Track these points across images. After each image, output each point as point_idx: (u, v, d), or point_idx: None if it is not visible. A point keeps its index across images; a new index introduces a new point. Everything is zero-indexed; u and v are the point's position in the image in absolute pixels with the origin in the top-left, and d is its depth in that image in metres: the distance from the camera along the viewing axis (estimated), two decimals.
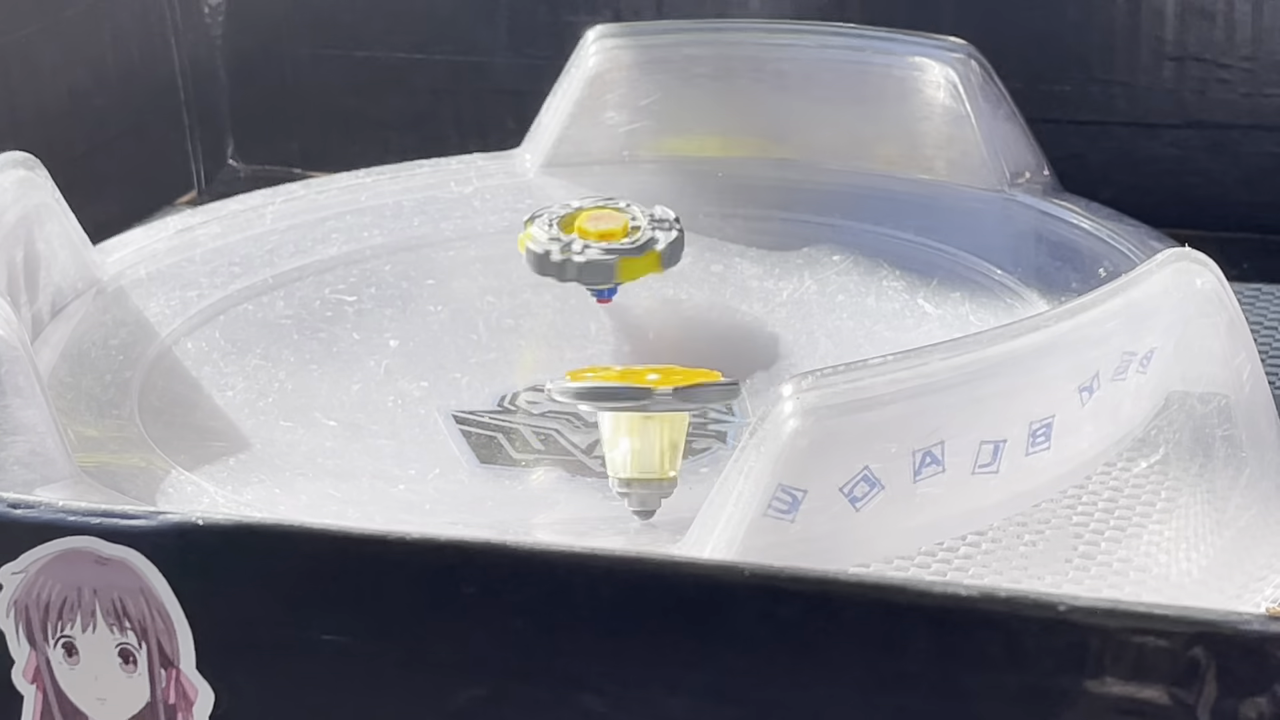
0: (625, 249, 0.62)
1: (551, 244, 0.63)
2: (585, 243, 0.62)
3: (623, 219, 0.63)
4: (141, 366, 0.63)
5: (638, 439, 0.54)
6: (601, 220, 0.63)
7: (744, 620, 0.39)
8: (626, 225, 0.63)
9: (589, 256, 0.62)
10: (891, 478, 0.49)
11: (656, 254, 0.62)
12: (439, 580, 0.41)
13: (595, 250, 0.62)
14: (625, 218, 0.63)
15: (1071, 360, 0.52)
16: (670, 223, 0.63)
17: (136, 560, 0.41)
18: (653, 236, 0.62)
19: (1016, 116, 0.71)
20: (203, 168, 0.88)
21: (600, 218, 0.63)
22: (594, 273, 0.62)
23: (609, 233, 0.63)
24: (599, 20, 0.78)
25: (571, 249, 0.62)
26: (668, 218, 0.63)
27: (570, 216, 0.64)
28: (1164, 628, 0.37)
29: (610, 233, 0.63)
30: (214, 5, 0.87)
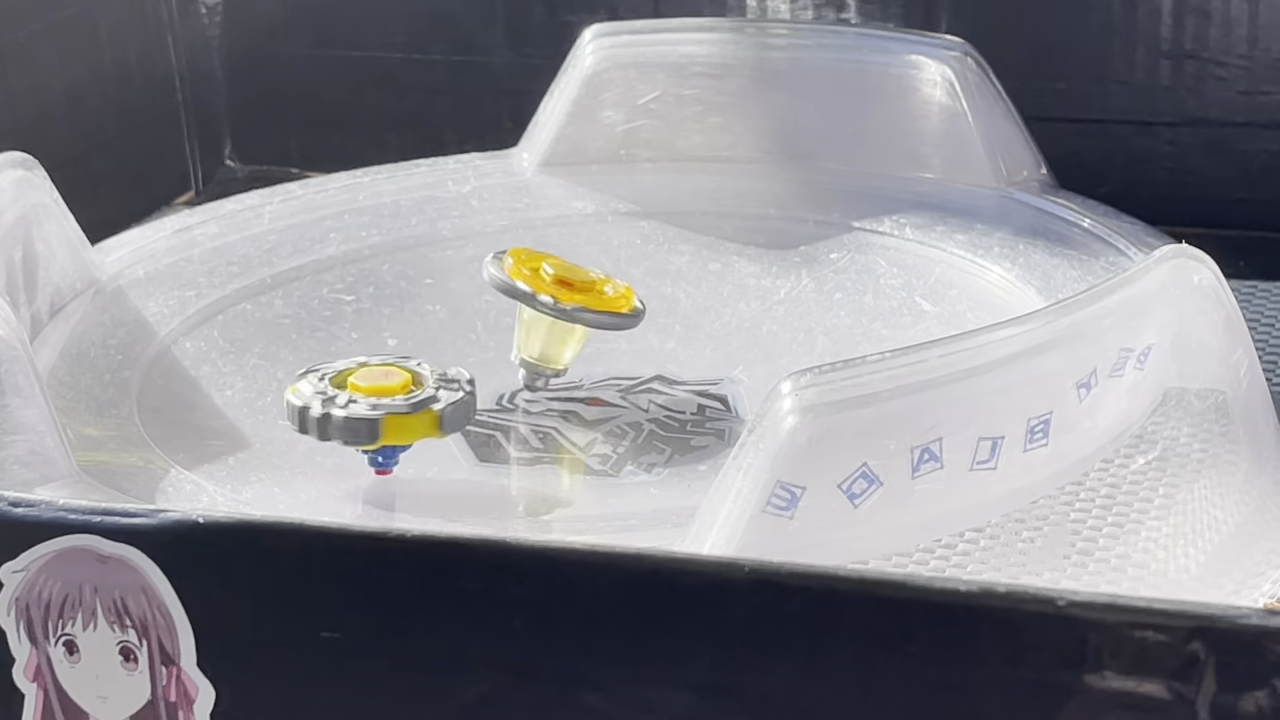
0: (395, 406, 0.55)
1: (314, 398, 0.55)
2: (351, 397, 0.55)
3: (404, 375, 0.56)
4: (140, 366, 0.63)
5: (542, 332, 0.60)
6: (377, 376, 0.56)
7: (744, 616, 0.39)
8: (407, 382, 0.56)
9: (351, 412, 0.55)
10: (890, 474, 0.49)
11: (434, 414, 0.55)
12: (438, 577, 0.41)
13: (361, 405, 0.55)
14: (407, 375, 0.56)
15: (1069, 357, 0.52)
16: (461, 384, 0.56)
17: (137, 558, 0.41)
18: (433, 395, 0.55)
19: (1013, 114, 0.71)
20: (200, 168, 0.88)
21: (376, 374, 0.56)
22: (355, 430, 0.55)
23: (382, 389, 0.56)
24: (596, 19, 0.78)
25: (334, 403, 0.55)
26: (460, 379, 0.57)
27: (346, 372, 0.57)
28: (1163, 622, 0.37)
29: (384, 389, 0.56)
30: (210, 5, 0.87)
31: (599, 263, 0.70)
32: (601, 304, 0.61)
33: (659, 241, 0.71)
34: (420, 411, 0.55)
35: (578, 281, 0.61)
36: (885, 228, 0.69)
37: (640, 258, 0.70)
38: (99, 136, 0.83)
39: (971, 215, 0.69)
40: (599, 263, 0.70)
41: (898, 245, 0.68)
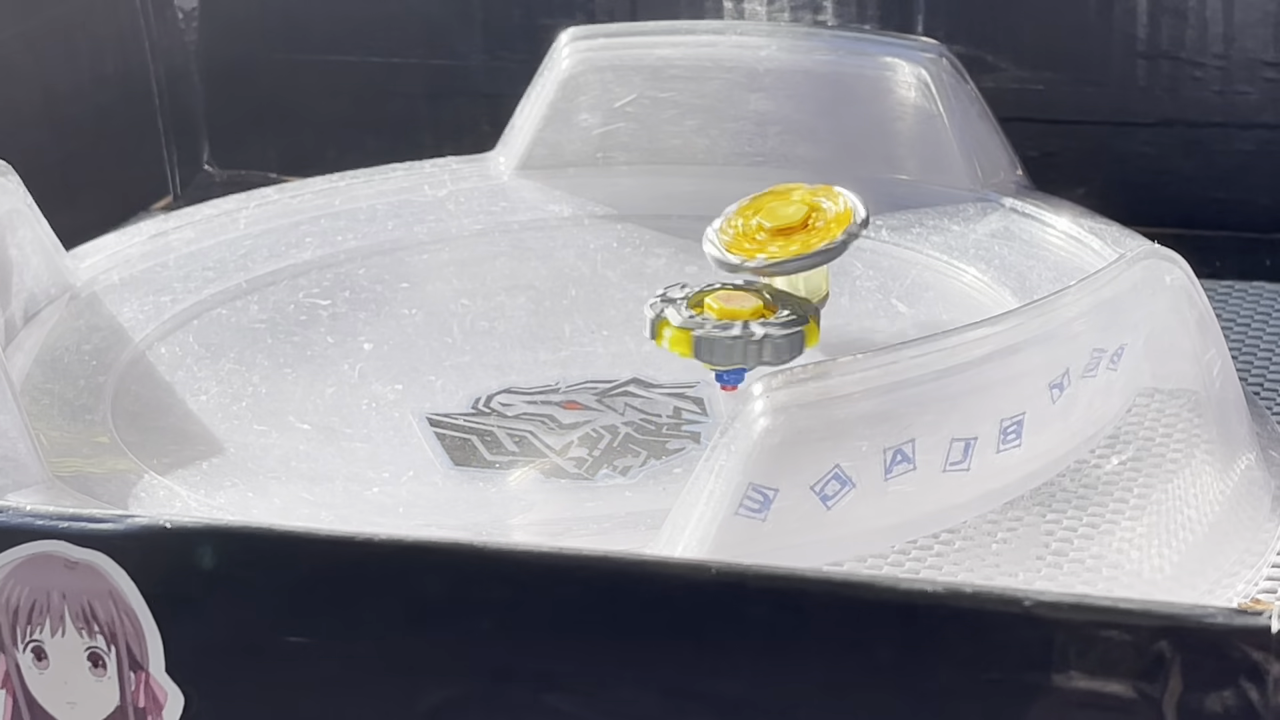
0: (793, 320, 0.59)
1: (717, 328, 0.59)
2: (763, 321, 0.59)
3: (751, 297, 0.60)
4: (115, 371, 0.63)
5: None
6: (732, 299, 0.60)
7: (712, 618, 0.39)
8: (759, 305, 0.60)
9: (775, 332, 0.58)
10: (862, 476, 0.49)
11: (814, 324, 0.59)
12: (407, 581, 0.41)
13: (775, 326, 0.59)
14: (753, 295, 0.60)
15: (1042, 357, 0.52)
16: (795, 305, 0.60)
17: (105, 564, 0.41)
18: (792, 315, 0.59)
19: (989, 116, 0.71)
20: (178, 173, 0.88)
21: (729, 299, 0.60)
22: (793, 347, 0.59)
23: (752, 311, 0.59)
24: (573, 22, 0.78)
25: (750, 329, 0.58)
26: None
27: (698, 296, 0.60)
28: (1129, 622, 0.37)
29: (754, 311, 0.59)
30: (188, 10, 0.87)
31: (575, 267, 0.70)
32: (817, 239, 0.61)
33: (636, 244, 0.71)
34: (810, 319, 0.59)
35: (791, 223, 0.62)
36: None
37: (617, 260, 0.70)
38: (76, 142, 0.83)
39: (947, 217, 0.69)
40: (575, 267, 0.70)
41: (873, 247, 0.68)
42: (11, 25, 0.79)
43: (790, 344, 0.59)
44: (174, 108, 0.88)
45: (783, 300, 0.60)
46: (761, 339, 0.58)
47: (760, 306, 0.60)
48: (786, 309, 0.60)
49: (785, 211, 0.62)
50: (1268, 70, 0.76)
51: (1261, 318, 0.69)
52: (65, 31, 0.82)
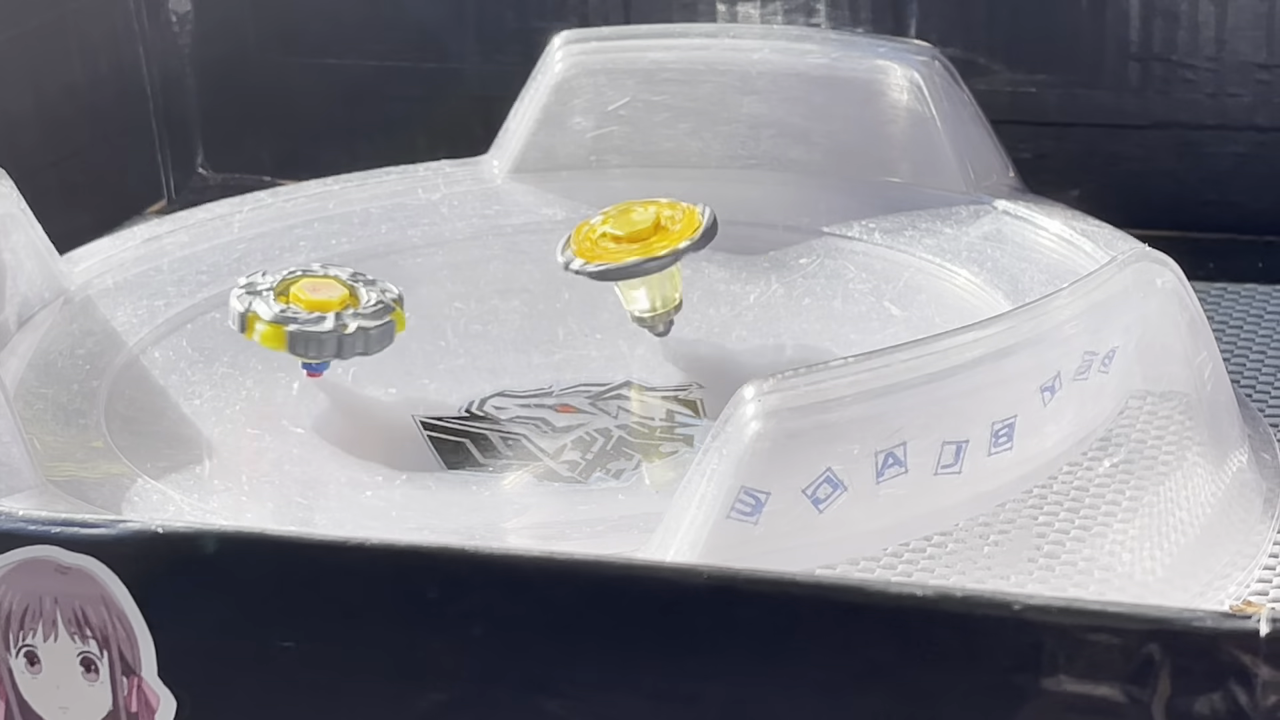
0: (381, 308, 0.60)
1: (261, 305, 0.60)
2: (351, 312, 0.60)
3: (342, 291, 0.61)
4: (108, 376, 0.63)
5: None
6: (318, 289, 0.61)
7: (703, 622, 0.39)
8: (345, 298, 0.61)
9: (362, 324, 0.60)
10: (854, 479, 0.49)
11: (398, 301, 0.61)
12: (398, 585, 0.41)
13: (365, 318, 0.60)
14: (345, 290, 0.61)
15: (1033, 360, 0.52)
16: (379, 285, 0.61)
17: (97, 569, 0.41)
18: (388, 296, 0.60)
19: (981, 118, 0.71)
20: (172, 177, 0.88)
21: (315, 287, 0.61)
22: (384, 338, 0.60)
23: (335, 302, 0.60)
24: (566, 25, 0.78)
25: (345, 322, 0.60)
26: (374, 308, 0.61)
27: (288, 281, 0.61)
28: (1118, 625, 0.37)
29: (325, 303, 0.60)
30: (181, 14, 0.87)
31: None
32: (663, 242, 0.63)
33: None
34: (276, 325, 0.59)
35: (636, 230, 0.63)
36: (854, 232, 0.69)
37: None
38: (70, 146, 0.83)
39: (940, 219, 0.69)
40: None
41: (866, 250, 0.68)
42: (5, 29, 0.79)
43: (383, 334, 0.60)
44: (168, 111, 0.88)
45: (369, 286, 0.61)
46: (354, 332, 0.59)
47: (346, 295, 0.60)
48: (373, 296, 0.61)
49: (633, 218, 0.64)
50: (1260, 73, 0.76)
51: (1254, 320, 0.69)
52: (59, 35, 0.82)
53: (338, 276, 0.61)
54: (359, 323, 0.59)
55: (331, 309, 0.60)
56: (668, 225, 0.63)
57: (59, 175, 0.81)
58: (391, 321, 0.60)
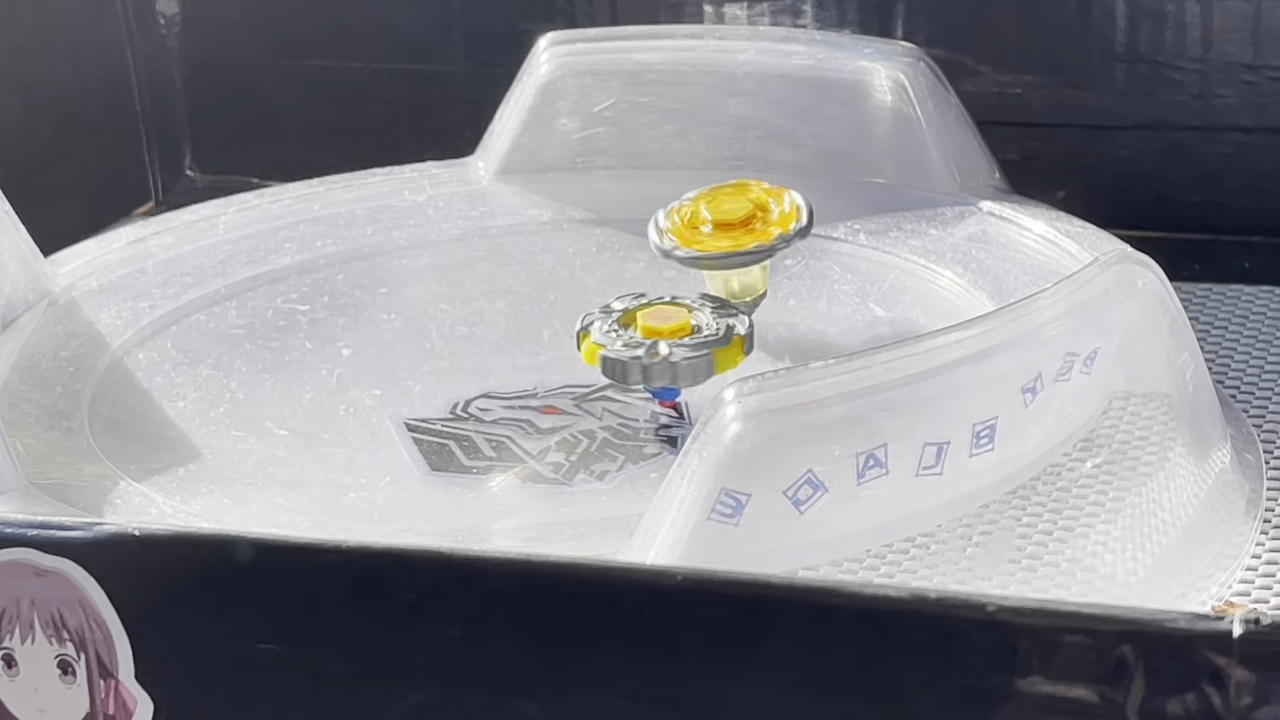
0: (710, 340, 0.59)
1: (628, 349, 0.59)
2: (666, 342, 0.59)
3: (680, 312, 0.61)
4: (92, 378, 0.63)
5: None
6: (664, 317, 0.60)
7: (678, 624, 0.39)
8: (686, 321, 0.60)
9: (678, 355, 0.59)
10: (835, 480, 0.49)
11: (740, 339, 0.59)
12: (377, 588, 0.41)
13: (683, 349, 0.59)
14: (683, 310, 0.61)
15: (1014, 361, 0.52)
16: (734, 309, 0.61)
17: (74, 571, 0.41)
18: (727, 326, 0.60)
19: (967, 119, 0.71)
20: (160, 179, 0.88)
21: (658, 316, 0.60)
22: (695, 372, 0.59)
23: (676, 328, 0.60)
24: (554, 27, 0.78)
25: (656, 350, 0.59)
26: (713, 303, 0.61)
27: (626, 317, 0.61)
28: (1092, 626, 0.37)
29: (677, 328, 0.60)
30: (169, 16, 0.87)
31: (554, 271, 0.70)
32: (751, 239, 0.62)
33: (614, 249, 0.71)
34: (731, 340, 0.59)
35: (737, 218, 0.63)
36: (839, 233, 0.69)
37: (596, 265, 0.70)
38: (57, 148, 0.83)
39: (925, 220, 0.69)
40: (554, 271, 0.70)
41: (851, 251, 0.68)
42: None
43: (693, 369, 0.59)
44: (156, 113, 0.88)
45: (718, 315, 0.60)
46: (662, 361, 0.58)
47: (685, 323, 0.60)
48: (710, 328, 0.60)
49: (729, 207, 0.63)
50: (1245, 74, 0.76)
51: (1239, 321, 0.69)
52: (46, 37, 0.82)
53: (691, 305, 0.61)
54: (672, 351, 0.59)
55: (661, 336, 0.59)
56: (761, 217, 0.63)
57: (46, 177, 0.81)
58: (708, 356, 0.59)
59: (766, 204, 0.63)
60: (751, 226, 0.63)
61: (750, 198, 0.64)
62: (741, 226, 0.63)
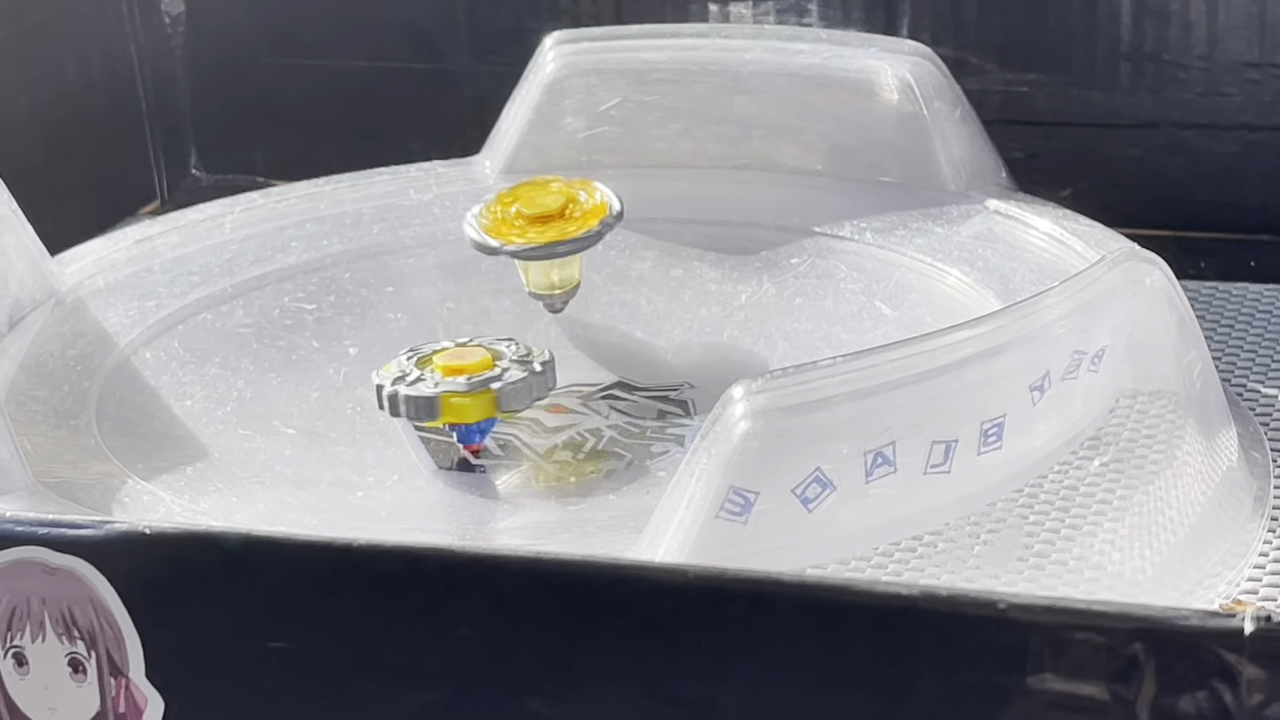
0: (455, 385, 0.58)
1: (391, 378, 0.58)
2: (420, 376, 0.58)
3: (484, 355, 0.59)
4: (100, 377, 0.63)
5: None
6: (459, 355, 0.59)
7: (688, 622, 0.39)
8: (486, 361, 0.59)
9: (415, 390, 0.58)
10: (843, 478, 0.50)
11: (491, 394, 0.58)
12: (386, 586, 0.41)
13: (426, 384, 0.58)
14: (487, 354, 0.59)
15: (1022, 359, 0.52)
16: (533, 363, 0.59)
17: (84, 570, 0.42)
18: (497, 375, 0.58)
19: (973, 118, 0.71)
20: (165, 178, 0.88)
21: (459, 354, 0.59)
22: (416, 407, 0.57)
23: (459, 367, 0.59)
24: (559, 26, 0.78)
25: (404, 381, 0.58)
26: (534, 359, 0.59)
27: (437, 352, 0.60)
28: (1103, 624, 0.37)
29: (461, 367, 0.59)
30: (175, 15, 0.87)
31: None
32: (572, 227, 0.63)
33: (620, 247, 0.71)
34: (479, 391, 0.58)
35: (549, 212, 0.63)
36: (846, 232, 0.69)
37: (602, 263, 0.70)
38: (63, 147, 0.83)
39: (931, 219, 0.69)
40: None
41: (858, 250, 0.68)
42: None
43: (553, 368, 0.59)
44: (161, 112, 0.88)
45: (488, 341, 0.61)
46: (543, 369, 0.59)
47: (487, 358, 0.59)
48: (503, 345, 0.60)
49: (543, 200, 0.64)
50: (1251, 72, 0.76)
51: (1245, 319, 0.69)
52: (52, 36, 0.82)
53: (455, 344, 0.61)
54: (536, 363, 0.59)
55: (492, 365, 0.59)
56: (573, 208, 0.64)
57: (52, 176, 0.81)
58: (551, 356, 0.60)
59: (576, 196, 0.64)
60: (569, 216, 0.63)
61: (558, 190, 0.64)
62: (559, 217, 0.64)
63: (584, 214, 0.63)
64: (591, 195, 0.64)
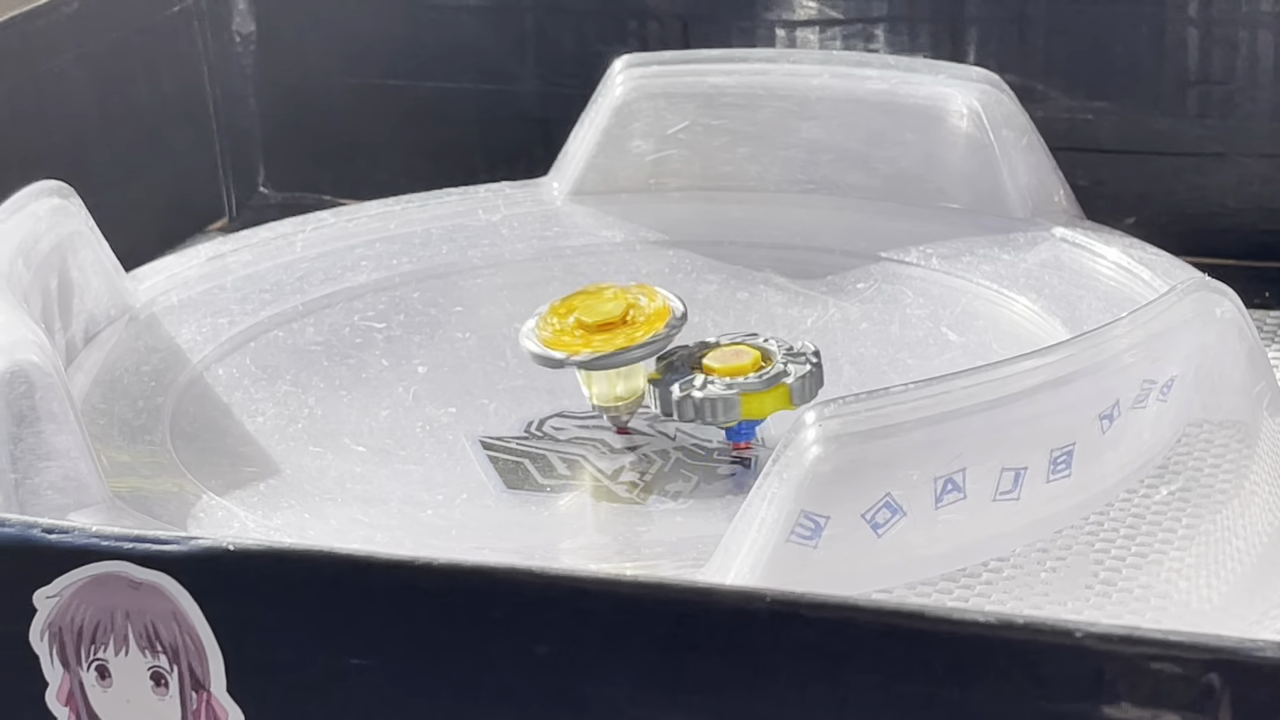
0: (749, 384, 0.59)
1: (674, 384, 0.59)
2: (708, 379, 0.59)
3: (753, 353, 0.60)
4: (173, 392, 0.63)
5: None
6: (729, 356, 0.60)
7: (765, 645, 0.39)
8: (757, 359, 0.60)
9: (709, 393, 0.59)
10: (913, 504, 0.50)
11: (785, 388, 0.59)
12: (465, 605, 0.41)
13: (718, 386, 0.59)
14: (756, 353, 0.60)
15: (1092, 389, 0.52)
16: (807, 357, 0.60)
17: (169, 585, 0.42)
18: (783, 370, 0.59)
19: (1040, 145, 0.72)
20: (234, 195, 0.89)
21: (727, 354, 0.60)
22: (714, 410, 0.59)
23: (735, 368, 0.60)
24: (626, 50, 0.78)
25: (693, 385, 0.59)
26: (805, 351, 0.60)
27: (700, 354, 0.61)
28: (1180, 654, 0.37)
29: (737, 368, 0.60)
30: (245, 34, 0.88)
31: None
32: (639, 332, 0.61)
33: (687, 270, 0.71)
34: (773, 387, 0.59)
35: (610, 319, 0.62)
36: (912, 258, 0.70)
37: (668, 286, 0.69)
38: (134, 163, 0.84)
39: (998, 246, 0.69)
40: None
41: (924, 275, 0.69)
42: (72, 47, 0.80)
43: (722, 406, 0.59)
44: (230, 130, 0.89)
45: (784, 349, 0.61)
46: (818, 360, 0.59)
47: (757, 358, 0.60)
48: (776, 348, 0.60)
49: (603, 308, 0.62)
50: None
51: None
52: (125, 54, 0.83)
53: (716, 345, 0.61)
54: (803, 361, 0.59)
55: (768, 364, 0.60)
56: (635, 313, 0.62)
57: (123, 193, 0.82)
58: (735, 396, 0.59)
59: (635, 301, 0.62)
60: (633, 321, 0.62)
61: (616, 297, 0.63)
62: (622, 324, 0.62)
63: (648, 318, 0.62)
64: (652, 299, 0.62)
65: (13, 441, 0.54)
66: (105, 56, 0.82)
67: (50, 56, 0.79)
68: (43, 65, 0.79)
